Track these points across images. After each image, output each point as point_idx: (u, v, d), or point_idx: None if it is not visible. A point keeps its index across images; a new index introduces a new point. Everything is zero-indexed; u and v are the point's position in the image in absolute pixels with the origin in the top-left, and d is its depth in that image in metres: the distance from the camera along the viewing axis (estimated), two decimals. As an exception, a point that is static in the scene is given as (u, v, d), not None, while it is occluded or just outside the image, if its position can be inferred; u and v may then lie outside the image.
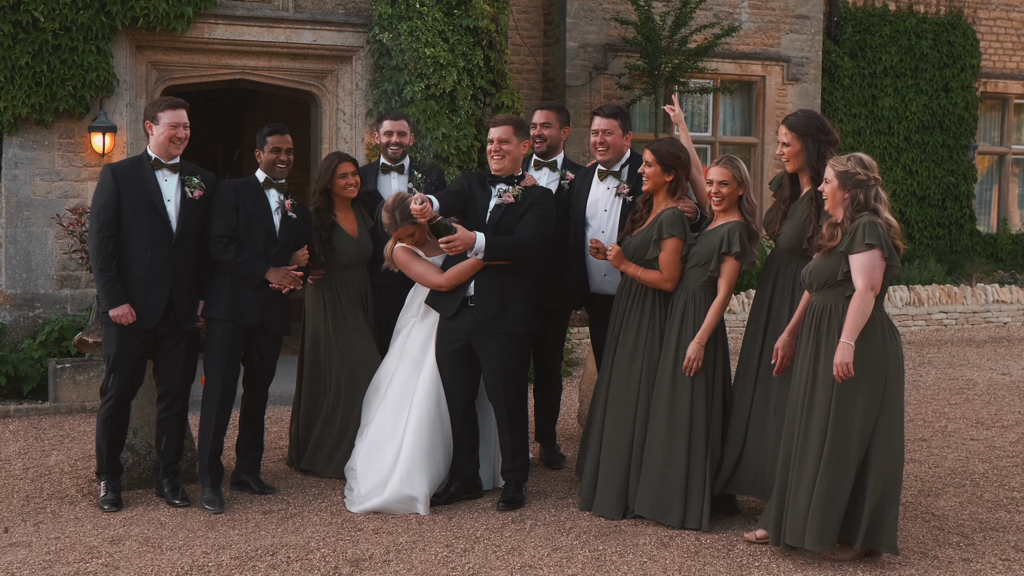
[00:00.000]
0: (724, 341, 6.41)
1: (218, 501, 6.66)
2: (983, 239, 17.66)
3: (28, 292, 10.74)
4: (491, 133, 6.69)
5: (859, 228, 5.50)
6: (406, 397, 6.75)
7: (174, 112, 6.62)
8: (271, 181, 6.91)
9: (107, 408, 6.63)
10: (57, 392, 9.74)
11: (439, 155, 11.14)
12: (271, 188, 6.91)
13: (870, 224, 5.48)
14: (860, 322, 5.45)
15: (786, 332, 5.99)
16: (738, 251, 6.17)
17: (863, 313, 5.45)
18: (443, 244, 6.41)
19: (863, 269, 5.47)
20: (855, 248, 5.49)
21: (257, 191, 6.87)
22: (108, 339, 6.61)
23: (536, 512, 6.59)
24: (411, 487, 6.51)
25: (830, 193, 5.66)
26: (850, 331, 5.45)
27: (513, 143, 6.65)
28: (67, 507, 6.67)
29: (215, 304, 6.72)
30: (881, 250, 5.45)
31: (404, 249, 6.81)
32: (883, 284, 5.54)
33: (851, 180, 5.60)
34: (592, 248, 6.68)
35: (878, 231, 5.47)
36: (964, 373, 11.98)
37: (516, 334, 6.62)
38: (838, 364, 5.44)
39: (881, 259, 5.47)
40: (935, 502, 6.87)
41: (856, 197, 5.59)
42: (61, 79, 10.48)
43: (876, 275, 5.48)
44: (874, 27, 16.70)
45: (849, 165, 5.62)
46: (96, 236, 6.51)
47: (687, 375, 6.22)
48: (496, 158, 6.66)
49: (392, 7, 11.23)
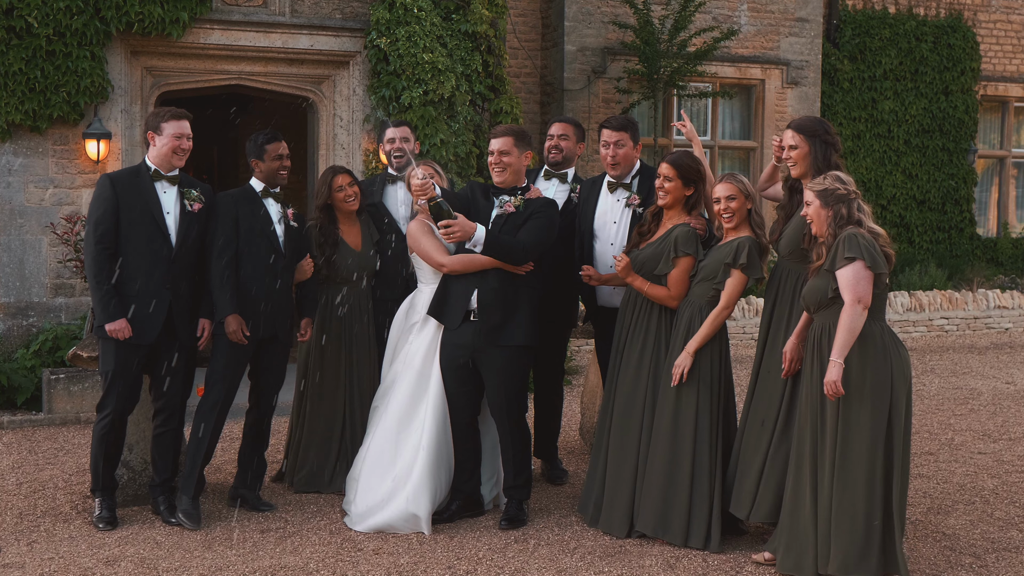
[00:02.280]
0: (726, 353, 6.28)
1: (196, 516, 6.53)
2: (983, 243, 17.59)
3: (22, 300, 10.62)
4: (491, 145, 6.56)
5: (839, 243, 5.43)
6: (411, 409, 6.61)
7: (178, 123, 6.49)
8: (269, 191, 6.80)
9: (104, 425, 6.49)
10: (51, 403, 9.61)
11: (437, 162, 11.00)
12: (269, 197, 6.79)
13: (849, 237, 5.40)
14: (849, 339, 5.34)
15: (794, 335, 5.86)
16: (744, 263, 6.05)
17: (852, 329, 5.34)
18: (441, 229, 6.25)
19: (847, 283, 5.37)
20: (837, 263, 5.41)
21: (255, 202, 6.75)
22: (106, 355, 6.47)
23: (539, 531, 6.47)
24: (417, 506, 6.38)
25: (814, 214, 5.58)
26: (839, 348, 5.34)
27: (514, 154, 6.51)
28: (61, 525, 6.55)
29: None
30: (863, 260, 5.35)
31: (419, 222, 6.65)
32: (876, 295, 5.42)
33: (832, 196, 5.53)
34: (584, 275, 6.59)
35: (858, 242, 5.38)
36: (968, 382, 11.88)
37: (520, 348, 6.49)
38: (826, 383, 5.34)
39: (865, 270, 5.36)
40: (945, 520, 6.76)
41: (839, 212, 5.51)
42: (55, 85, 10.35)
43: (862, 288, 5.36)
44: (874, 30, 16.64)
45: (827, 183, 5.57)
46: (94, 248, 6.36)
47: (672, 384, 6.11)
48: (497, 170, 6.54)
49: (390, 12, 11.11)
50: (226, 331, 6.52)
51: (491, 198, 6.58)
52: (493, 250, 6.32)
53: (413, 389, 6.64)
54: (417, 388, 6.63)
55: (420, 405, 6.61)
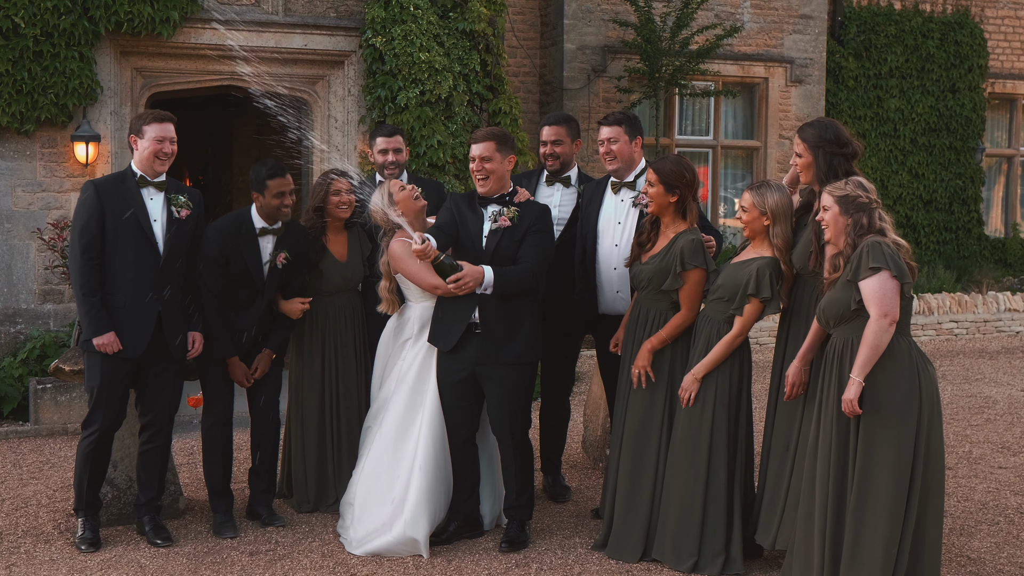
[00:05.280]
0: (747, 375, 5.94)
1: (231, 525, 6.48)
2: (991, 244, 17.32)
3: (9, 307, 10.34)
4: (472, 150, 6.18)
5: (862, 252, 5.06)
6: (407, 426, 6.30)
7: (160, 126, 6.20)
8: (267, 229, 6.53)
9: (89, 443, 6.20)
10: (38, 413, 9.34)
11: (434, 164, 10.76)
12: (267, 235, 6.54)
13: (873, 245, 5.04)
14: (872, 356, 4.99)
15: (797, 358, 5.54)
16: (767, 296, 5.67)
17: (876, 346, 4.98)
18: (451, 284, 5.91)
19: (873, 295, 5.00)
20: (861, 274, 5.03)
21: (251, 241, 6.50)
22: (91, 369, 6.18)
23: (541, 554, 6.16)
24: (415, 529, 6.07)
25: (831, 220, 5.22)
26: (860, 366, 5.00)
27: (496, 160, 6.14)
28: (42, 546, 6.27)
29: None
30: (889, 271, 5.01)
31: (402, 242, 6.23)
32: (901, 308, 5.07)
33: (853, 204, 5.18)
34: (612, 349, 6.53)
35: (882, 251, 5.02)
36: (981, 389, 11.54)
37: (525, 363, 6.19)
38: (844, 400, 5.02)
39: (891, 280, 4.99)
40: (969, 542, 6.43)
41: (859, 221, 5.16)
42: (42, 87, 10.08)
43: (889, 301, 4.99)
44: (879, 27, 16.37)
45: (848, 189, 5.22)
46: (79, 259, 6.06)
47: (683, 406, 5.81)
48: (479, 178, 6.16)
49: (385, 10, 10.85)
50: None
51: (478, 209, 6.21)
52: (504, 287, 6.00)
53: (407, 405, 6.33)
54: (412, 404, 6.32)
55: (415, 421, 6.30)
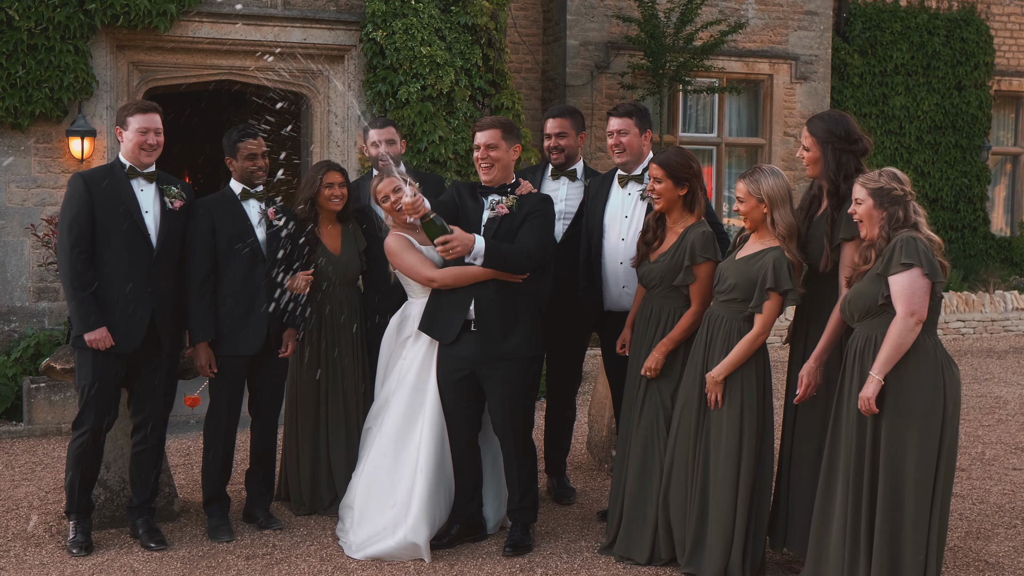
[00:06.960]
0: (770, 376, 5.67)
1: (227, 528, 6.31)
2: (997, 242, 17.16)
3: (3, 305, 10.18)
4: (476, 138, 6.03)
5: (895, 246, 4.88)
6: (407, 427, 6.11)
7: (144, 116, 6.02)
8: (248, 191, 6.36)
9: (80, 444, 6.02)
10: (32, 413, 9.17)
11: (436, 159, 10.61)
12: (250, 199, 6.35)
13: (907, 240, 4.87)
14: (894, 355, 4.83)
15: (812, 358, 5.37)
16: (787, 288, 5.43)
17: (899, 345, 4.82)
18: (439, 247, 5.74)
19: (902, 292, 4.83)
20: (892, 269, 4.86)
21: (235, 205, 6.31)
22: (82, 367, 6.00)
23: (546, 558, 5.98)
24: (416, 534, 5.88)
25: (865, 214, 5.03)
26: (881, 364, 4.83)
27: (502, 148, 5.98)
28: (32, 550, 6.10)
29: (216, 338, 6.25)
30: (921, 268, 4.84)
31: (398, 236, 6.10)
32: (930, 307, 4.91)
33: (888, 197, 4.99)
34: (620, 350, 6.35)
35: (917, 247, 4.85)
36: (991, 389, 11.37)
37: (524, 359, 6.00)
38: (861, 398, 4.86)
39: (922, 278, 4.82)
40: (986, 547, 6.25)
41: (894, 215, 4.98)
42: (37, 80, 9.93)
43: (918, 299, 4.82)
44: (885, 23, 16.24)
45: (883, 181, 5.01)
46: (69, 253, 5.88)
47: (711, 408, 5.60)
48: (484, 167, 6.00)
49: (386, 4, 10.70)
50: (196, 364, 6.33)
51: (479, 199, 6.05)
52: (495, 261, 5.81)
53: (408, 406, 6.13)
54: (412, 404, 6.13)
55: (416, 423, 6.11)
